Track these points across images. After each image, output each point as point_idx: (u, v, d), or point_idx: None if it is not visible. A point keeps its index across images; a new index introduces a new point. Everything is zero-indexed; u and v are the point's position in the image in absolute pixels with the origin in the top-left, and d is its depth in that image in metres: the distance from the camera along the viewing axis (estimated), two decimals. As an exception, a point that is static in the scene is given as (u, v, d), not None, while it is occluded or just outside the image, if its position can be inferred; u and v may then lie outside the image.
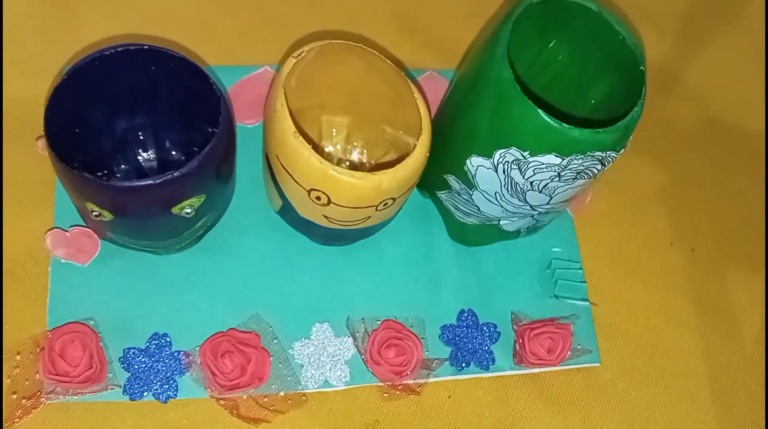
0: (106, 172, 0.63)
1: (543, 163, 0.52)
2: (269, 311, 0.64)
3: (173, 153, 0.66)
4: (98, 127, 0.61)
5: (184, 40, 0.74)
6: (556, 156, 0.51)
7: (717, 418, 0.69)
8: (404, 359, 0.62)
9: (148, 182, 0.50)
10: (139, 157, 0.65)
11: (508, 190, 0.56)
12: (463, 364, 0.65)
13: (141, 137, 0.64)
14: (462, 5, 0.84)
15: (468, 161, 0.57)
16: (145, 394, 0.59)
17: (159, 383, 0.60)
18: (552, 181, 0.54)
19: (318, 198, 0.56)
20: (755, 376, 0.72)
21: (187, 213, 0.54)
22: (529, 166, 0.52)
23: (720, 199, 0.79)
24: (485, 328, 0.67)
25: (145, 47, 0.56)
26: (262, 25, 0.78)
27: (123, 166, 0.64)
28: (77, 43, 0.72)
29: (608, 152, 0.52)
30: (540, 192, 0.55)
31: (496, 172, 0.55)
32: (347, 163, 0.69)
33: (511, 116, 0.51)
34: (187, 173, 0.51)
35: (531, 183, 0.54)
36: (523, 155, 0.52)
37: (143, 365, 0.60)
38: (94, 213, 0.53)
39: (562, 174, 0.53)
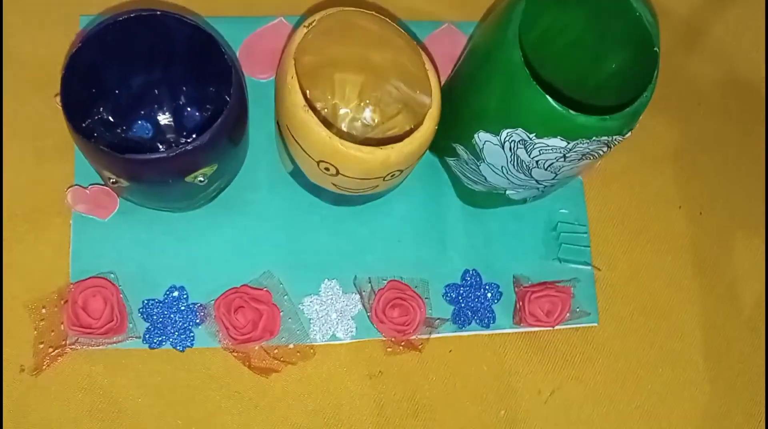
0: (124, 127, 0.65)
1: (549, 145, 0.52)
2: (280, 267, 0.66)
3: (188, 109, 0.67)
4: (114, 86, 0.62)
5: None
6: (562, 139, 0.51)
7: (708, 380, 0.72)
8: (408, 319, 0.64)
9: (162, 155, 0.52)
10: (154, 114, 0.66)
11: (514, 166, 0.57)
12: (465, 322, 0.68)
13: (156, 93, 0.65)
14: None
15: (476, 135, 0.57)
16: (163, 343, 0.63)
17: (176, 333, 0.63)
18: (557, 160, 0.54)
19: (327, 169, 0.58)
20: (749, 340, 0.74)
21: (201, 181, 0.56)
22: (535, 146, 0.53)
23: (735, 163, 0.79)
24: (488, 288, 0.69)
25: (158, 13, 0.56)
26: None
27: (140, 122, 0.66)
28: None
29: (614, 136, 0.52)
30: (545, 170, 0.56)
31: (503, 149, 0.55)
32: (360, 122, 0.70)
33: (519, 99, 0.51)
34: (200, 146, 0.53)
35: (536, 162, 0.55)
36: (529, 137, 0.52)
37: (161, 316, 0.64)
38: (111, 180, 0.55)
39: (567, 155, 0.53)
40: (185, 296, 0.64)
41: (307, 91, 0.68)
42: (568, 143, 0.51)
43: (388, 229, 0.70)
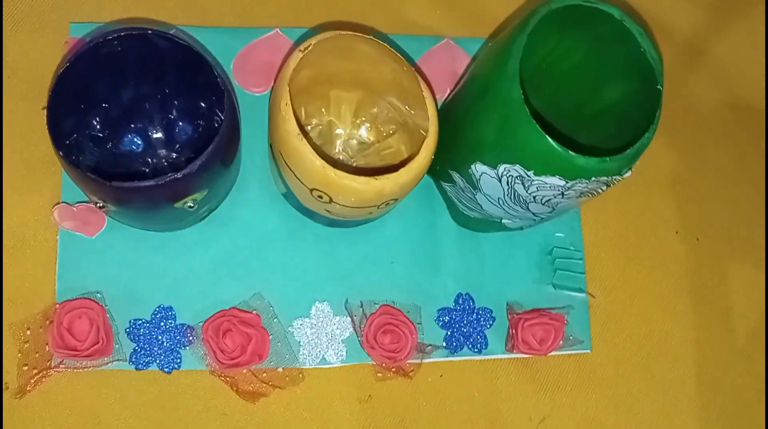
0: (113, 141, 0.63)
1: (547, 183, 0.51)
2: (271, 287, 0.65)
3: (180, 123, 0.65)
4: (103, 100, 0.60)
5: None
6: (560, 178, 0.50)
7: (700, 408, 0.72)
8: (399, 346, 0.64)
9: (150, 183, 0.51)
10: (145, 127, 0.64)
11: (511, 199, 0.56)
12: (457, 347, 0.67)
13: (146, 106, 0.64)
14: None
15: (473, 166, 0.56)
16: (150, 364, 0.62)
17: (163, 354, 0.62)
18: (555, 197, 0.53)
19: (320, 196, 0.56)
20: (743, 368, 0.73)
21: (190, 206, 0.55)
22: (533, 183, 0.52)
23: (734, 188, 0.78)
24: (481, 312, 0.68)
25: (149, 32, 0.54)
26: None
27: (130, 135, 0.64)
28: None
29: (614, 176, 0.51)
30: (543, 204, 0.55)
31: (500, 182, 0.54)
32: (355, 140, 0.68)
33: (517, 136, 0.50)
34: (190, 173, 0.51)
35: (534, 197, 0.54)
36: (527, 174, 0.51)
37: (148, 337, 0.63)
38: (98, 204, 0.54)
39: (565, 193, 0.52)
40: (173, 316, 0.63)
41: (302, 108, 0.66)
42: (567, 182, 0.50)
43: (381, 250, 0.69)
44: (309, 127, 0.68)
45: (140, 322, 0.63)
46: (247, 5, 0.73)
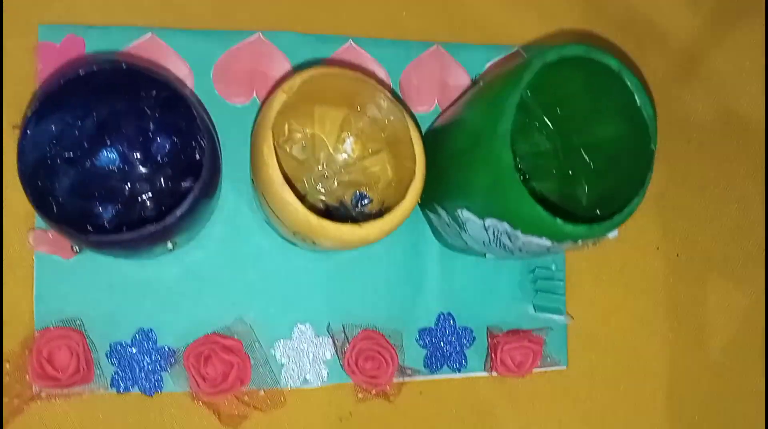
0: (89, 160, 0.60)
1: (533, 241, 0.51)
2: (252, 309, 0.65)
3: (157, 139, 0.62)
4: (76, 122, 0.57)
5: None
6: (547, 239, 0.50)
7: (669, 421, 0.74)
8: (380, 372, 0.64)
9: (128, 236, 0.49)
10: (120, 143, 0.61)
11: (496, 246, 0.55)
12: (437, 366, 0.68)
13: (122, 123, 0.61)
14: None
15: (458, 210, 0.55)
16: (131, 387, 0.62)
17: (145, 377, 0.63)
18: (541, 251, 0.53)
19: (303, 239, 0.55)
20: (713, 384, 0.76)
21: (170, 248, 0.54)
22: (519, 238, 0.51)
23: (718, 204, 0.78)
24: (461, 332, 0.69)
25: (123, 66, 0.52)
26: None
27: (105, 151, 0.62)
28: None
29: (601, 238, 0.51)
30: (527, 253, 0.54)
31: (486, 231, 0.54)
32: (340, 154, 0.66)
33: (506, 198, 0.49)
34: (168, 225, 0.50)
35: (520, 249, 0.53)
36: (514, 231, 0.50)
37: (129, 360, 0.62)
38: (74, 247, 0.53)
39: (551, 249, 0.52)
40: (154, 339, 0.63)
41: (286, 123, 0.64)
42: (554, 243, 0.50)
43: (364, 270, 0.68)
44: (292, 143, 0.66)
45: (121, 345, 0.62)
46: (228, 6, 0.69)
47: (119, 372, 0.62)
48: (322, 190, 0.66)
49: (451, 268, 0.70)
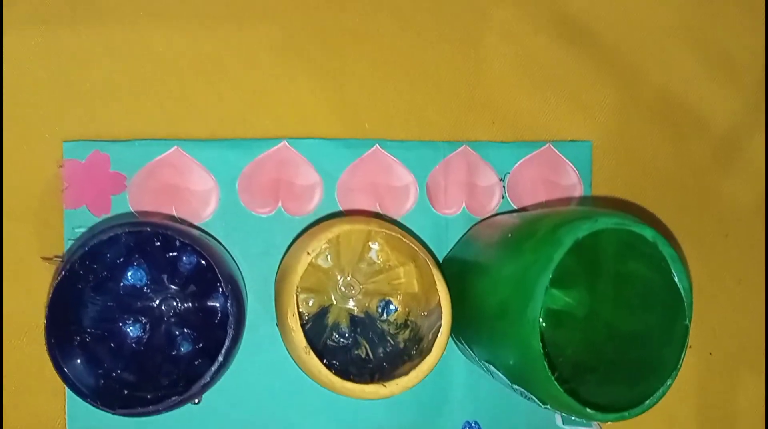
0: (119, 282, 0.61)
1: (559, 411, 0.50)
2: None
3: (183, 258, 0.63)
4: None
5: (196, 108, 0.67)
6: (574, 417, 0.49)
7: None
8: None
9: (150, 409, 0.50)
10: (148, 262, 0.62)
11: (519, 394, 0.55)
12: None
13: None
14: (516, 69, 0.72)
15: (487, 364, 0.54)
16: None
17: None
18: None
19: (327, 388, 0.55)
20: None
21: (195, 402, 0.54)
22: (549, 408, 0.51)
23: (755, 300, 0.75)
24: (487, 442, 0.69)
25: (148, 229, 0.51)
26: (278, 92, 0.69)
27: (133, 269, 0.62)
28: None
29: (629, 415, 0.50)
30: (554, 409, 0.54)
31: (512, 387, 0.53)
32: (365, 264, 0.65)
33: (534, 379, 0.48)
34: (192, 394, 0.50)
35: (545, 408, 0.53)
36: (540, 402, 0.50)
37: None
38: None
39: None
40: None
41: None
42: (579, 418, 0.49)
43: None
44: (318, 254, 0.65)
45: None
46: (253, 113, 0.68)
47: None
48: (348, 300, 0.66)
49: (478, 377, 0.69)
